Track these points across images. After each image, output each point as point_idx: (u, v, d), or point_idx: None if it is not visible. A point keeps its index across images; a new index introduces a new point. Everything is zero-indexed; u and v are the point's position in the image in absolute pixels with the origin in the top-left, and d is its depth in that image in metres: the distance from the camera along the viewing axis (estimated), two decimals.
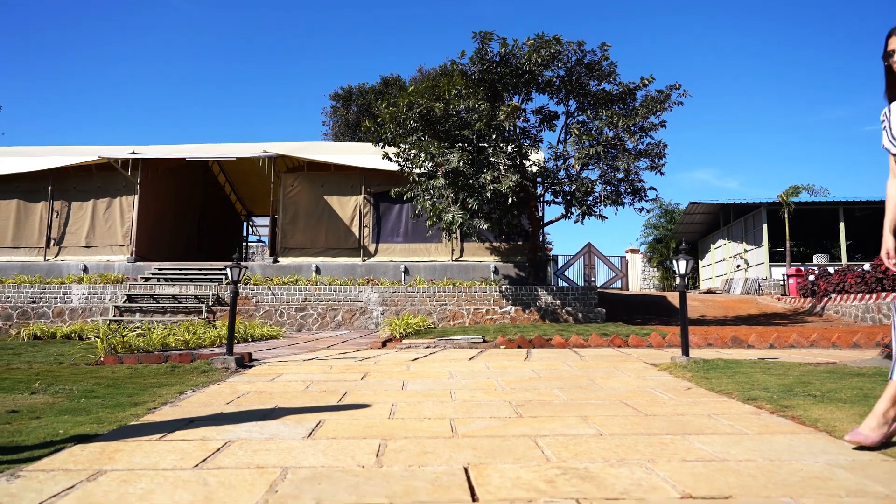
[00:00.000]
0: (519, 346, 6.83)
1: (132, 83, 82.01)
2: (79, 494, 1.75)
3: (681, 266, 4.48)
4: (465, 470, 1.97)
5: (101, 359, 5.09)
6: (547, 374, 4.34)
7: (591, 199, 10.45)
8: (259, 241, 23.92)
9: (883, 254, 2.47)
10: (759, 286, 17.85)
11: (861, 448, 2.19)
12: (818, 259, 18.93)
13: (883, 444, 2.19)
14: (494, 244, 12.98)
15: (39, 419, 2.95)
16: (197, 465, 2.05)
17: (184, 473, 1.96)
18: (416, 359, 5.49)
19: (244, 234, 20.73)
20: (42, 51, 79.66)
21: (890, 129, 2.38)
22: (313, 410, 3.02)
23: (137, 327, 8.34)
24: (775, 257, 19.64)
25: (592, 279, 24.53)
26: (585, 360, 5.30)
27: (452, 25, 76.32)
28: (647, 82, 10.42)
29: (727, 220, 22.66)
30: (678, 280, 4.69)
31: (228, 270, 4.82)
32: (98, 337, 5.68)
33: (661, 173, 10.51)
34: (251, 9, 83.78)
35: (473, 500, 1.68)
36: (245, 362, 4.82)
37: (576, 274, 24.50)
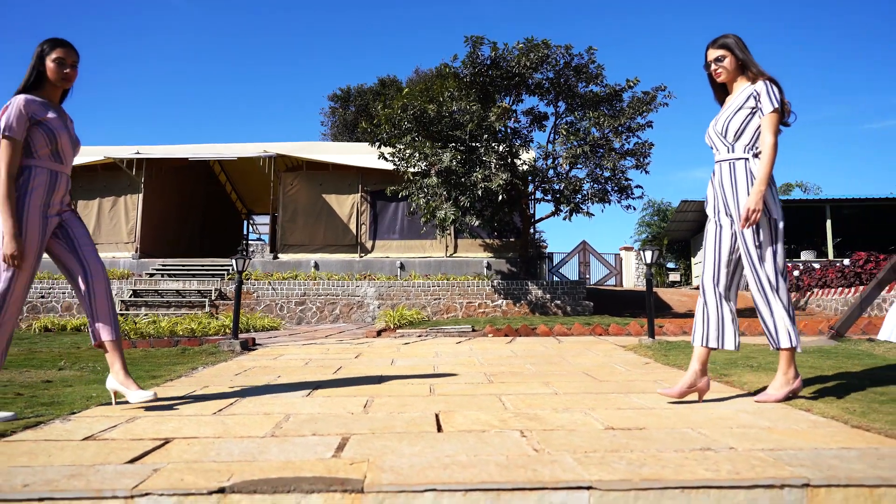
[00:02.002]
0: (506, 335, 7.25)
1: (134, 83, 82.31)
2: (121, 429, 2.18)
3: (647, 256, 4.91)
4: (436, 415, 2.40)
5: None
6: (524, 353, 4.77)
7: (578, 196, 10.87)
8: (259, 239, 24.33)
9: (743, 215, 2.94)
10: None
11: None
12: (805, 255, 19.37)
13: (788, 398, 2.62)
14: (487, 241, 13.40)
15: (72, 387, 3.37)
16: (215, 413, 2.47)
17: (205, 417, 2.38)
18: (406, 343, 5.91)
19: (245, 232, 21.14)
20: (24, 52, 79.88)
21: (711, 127, 2.77)
22: (312, 379, 3.45)
23: (145, 318, 8.75)
24: None
25: (587, 276, 24.96)
26: (563, 343, 5.73)
27: (450, 26, 76.67)
28: (632, 84, 10.84)
29: None
30: (645, 268, 5.12)
31: (234, 261, 5.23)
32: None
33: (647, 171, 10.93)
34: (252, 10, 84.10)
35: (438, 431, 2.11)
36: (249, 346, 5.24)
37: (571, 271, 24.93)
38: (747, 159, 2.62)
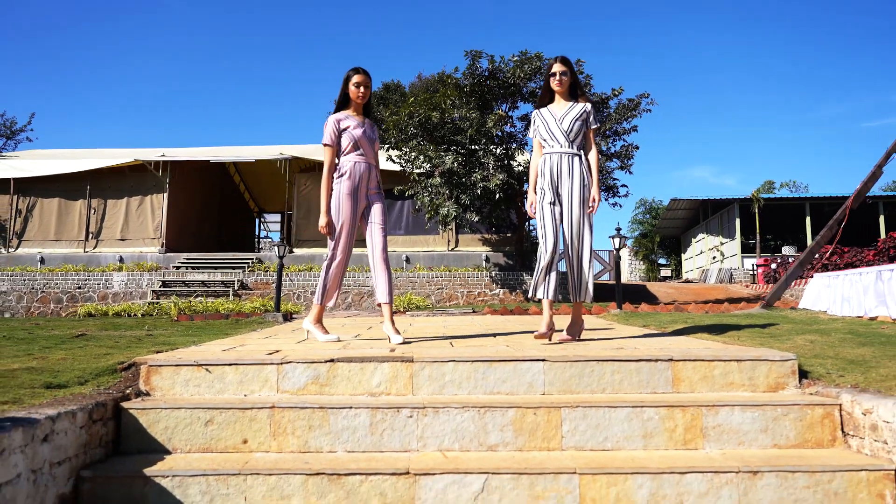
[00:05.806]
0: (502, 315, 8.35)
1: (138, 86, 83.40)
2: (240, 349, 3.27)
3: (615, 242, 6.00)
4: (450, 342, 3.50)
5: (177, 318, 6.61)
6: (515, 320, 5.88)
7: None
8: (267, 236, 25.46)
9: (528, 206, 3.86)
10: (732, 275, 19.40)
11: (557, 339, 3.63)
12: (786, 250, 20.49)
13: (554, 332, 3.59)
14: (486, 236, 14.51)
15: (171, 338, 4.46)
16: (297, 343, 3.58)
17: (292, 344, 3.49)
18: (417, 318, 7.02)
19: (256, 229, 22.23)
20: (44, 53, 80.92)
21: (536, 126, 3.65)
22: (353, 333, 4.55)
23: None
24: (748, 249, 21.17)
25: None
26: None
27: (450, 30, 77.73)
28: (617, 93, 11.94)
29: (706, 215, 24.19)
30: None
31: (276, 248, 6.33)
32: (174, 304, 7.18)
33: (630, 172, 12.04)
34: (260, 11, 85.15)
35: (451, 346, 3.21)
36: (289, 318, 6.34)
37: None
38: (580, 155, 3.57)
